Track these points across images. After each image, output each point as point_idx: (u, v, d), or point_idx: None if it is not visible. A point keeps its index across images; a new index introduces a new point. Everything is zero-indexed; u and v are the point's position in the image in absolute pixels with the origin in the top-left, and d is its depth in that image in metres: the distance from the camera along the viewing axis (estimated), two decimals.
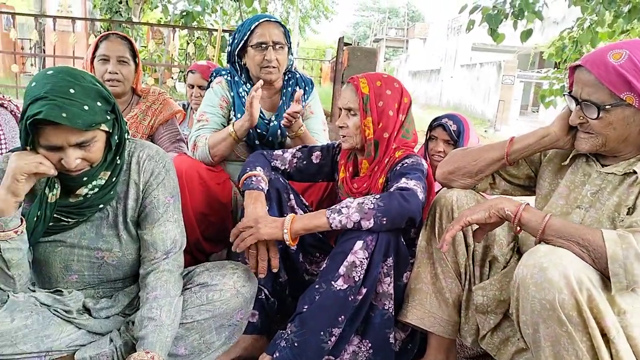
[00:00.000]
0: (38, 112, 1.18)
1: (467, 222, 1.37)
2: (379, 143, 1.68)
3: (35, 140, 1.26)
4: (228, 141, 2.02)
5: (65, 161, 1.27)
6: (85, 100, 1.24)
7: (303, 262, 1.81)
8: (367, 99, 1.65)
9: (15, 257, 1.32)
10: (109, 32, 2.36)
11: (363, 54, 4.62)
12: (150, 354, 1.29)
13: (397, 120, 1.69)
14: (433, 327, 1.57)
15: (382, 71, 4.67)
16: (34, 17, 6.69)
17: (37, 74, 1.30)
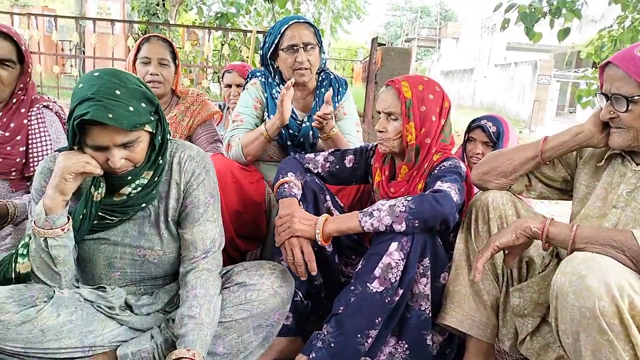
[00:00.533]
0: (85, 113, 1.22)
1: (496, 248, 1.37)
2: (420, 148, 1.66)
3: (82, 140, 1.30)
4: (260, 140, 2.04)
5: (110, 161, 1.30)
6: (130, 101, 1.27)
7: (339, 263, 1.81)
8: (410, 103, 1.62)
9: (61, 253, 1.37)
10: (150, 35, 2.41)
11: (397, 54, 4.58)
12: (191, 352, 1.31)
13: (438, 125, 1.66)
14: (471, 329, 1.55)
15: (415, 71, 4.63)
16: (74, 20, 6.88)
17: (83, 76, 1.33)
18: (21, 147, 1.90)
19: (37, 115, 1.96)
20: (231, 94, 3.31)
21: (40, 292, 1.39)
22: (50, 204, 1.31)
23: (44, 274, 1.39)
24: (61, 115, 2.10)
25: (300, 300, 1.72)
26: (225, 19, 7.37)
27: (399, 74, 4.60)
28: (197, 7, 8.00)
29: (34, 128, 1.94)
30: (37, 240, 1.34)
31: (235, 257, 2.12)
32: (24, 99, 1.94)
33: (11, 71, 1.85)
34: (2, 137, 1.87)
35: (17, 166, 1.90)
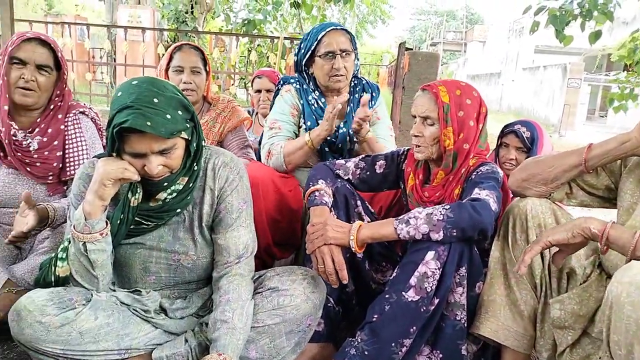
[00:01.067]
0: (124, 121, 1.24)
1: (548, 243, 1.32)
2: (458, 154, 1.63)
3: (121, 147, 1.32)
4: (304, 150, 2.05)
5: (147, 167, 1.33)
6: (167, 109, 1.30)
7: (369, 270, 1.80)
8: (447, 108, 1.60)
9: (100, 257, 1.39)
10: (182, 43, 2.45)
11: (424, 58, 4.54)
12: (223, 356, 1.32)
13: (477, 130, 1.64)
14: (507, 340, 1.52)
15: (440, 75, 4.60)
16: (106, 28, 7.04)
17: (122, 84, 1.36)
18: (58, 152, 1.95)
19: (73, 121, 2.01)
20: (261, 99, 3.34)
21: (79, 296, 1.42)
22: (90, 209, 1.34)
23: (83, 277, 1.42)
24: (97, 121, 2.15)
25: (332, 307, 1.71)
26: (252, 25, 7.44)
27: (426, 78, 4.58)
28: (225, 15, 8.09)
29: (71, 133, 1.99)
30: (77, 244, 1.37)
31: (268, 263, 2.13)
32: (61, 105, 1.99)
33: (48, 77, 1.90)
34: (40, 143, 1.92)
35: (54, 170, 1.95)
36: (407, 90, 4.57)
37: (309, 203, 1.70)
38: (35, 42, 1.87)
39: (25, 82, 1.84)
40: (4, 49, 1.86)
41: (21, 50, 1.83)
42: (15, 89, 1.84)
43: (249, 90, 7.86)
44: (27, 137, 1.91)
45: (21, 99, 1.85)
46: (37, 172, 1.92)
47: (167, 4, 8.42)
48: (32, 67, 1.85)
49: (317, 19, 8.55)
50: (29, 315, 1.33)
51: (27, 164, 1.90)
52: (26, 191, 1.76)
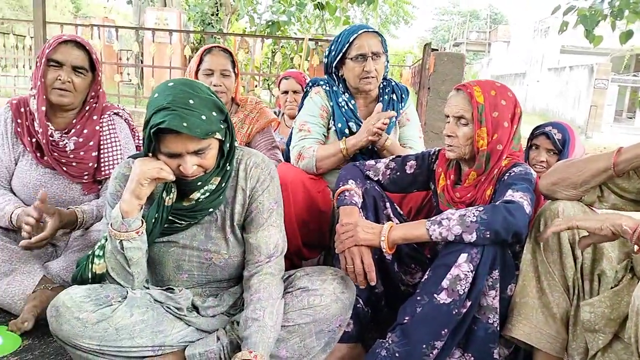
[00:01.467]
0: (162, 122, 1.27)
1: (575, 225, 1.33)
2: (492, 155, 1.62)
3: (157, 148, 1.35)
4: (337, 157, 2.07)
5: (183, 167, 1.35)
6: (203, 110, 1.32)
7: (398, 272, 1.80)
8: (482, 108, 1.59)
9: (135, 255, 1.43)
10: (211, 46, 2.47)
11: (450, 59, 4.51)
12: (253, 354, 1.34)
13: (511, 131, 1.62)
14: (540, 343, 1.51)
15: (464, 75, 4.55)
16: (135, 30, 7.16)
17: (159, 86, 1.39)
18: (93, 152, 2.01)
19: (108, 122, 2.06)
20: (287, 100, 3.37)
21: (115, 292, 1.45)
22: (127, 207, 1.37)
23: (119, 274, 1.45)
24: (130, 122, 2.20)
25: (361, 307, 1.71)
26: (276, 27, 7.48)
27: (452, 79, 4.55)
28: (249, 16, 8.15)
29: (106, 134, 2.04)
30: (113, 242, 1.40)
31: (297, 264, 2.15)
32: (95, 107, 2.05)
33: (84, 78, 1.95)
34: (76, 143, 1.97)
35: (89, 170, 2.00)
36: (432, 91, 4.54)
37: (338, 202, 1.71)
38: (72, 45, 1.92)
39: (62, 83, 1.89)
40: (41, 51, 1.91)
41: (58, 52, 1.89)
42: (52, 89, 1.90)
43: (273, 91, 7.92)
44: (63, 137, 1.96)
45: (58, 99, 1.91)
46: (73, 171, 1.97)
47: (193, 6, 8.53)
48: (68, 69, 1.90)
49: (340, 20, 8.55)
50: (67, 311, 1.37)
51: (64, 164, 1.96)
52: (42, 191, 1.80)
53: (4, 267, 1.82)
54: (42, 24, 4.28)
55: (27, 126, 1.96)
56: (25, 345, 1.68)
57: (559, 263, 1.50)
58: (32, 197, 1.96)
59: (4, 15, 20.15)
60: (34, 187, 1.96)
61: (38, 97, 1.90)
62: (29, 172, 1.96)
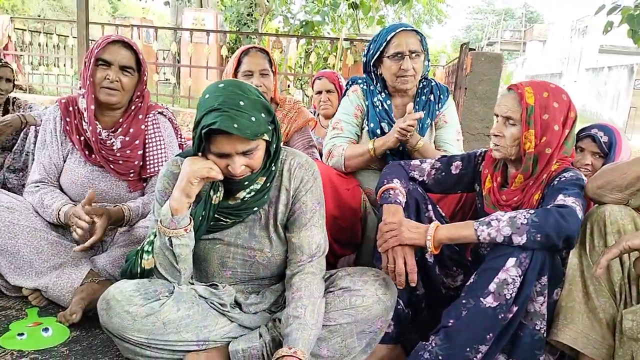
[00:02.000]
0: (213, 123, 1.29)
1: (627, 247, 1.30)
2: (539, 158, 1.58)
3: (206, 147, 1.38)
4: (365, 157, 2.07)
5: (231, 167, 1.38)
6: (252, 112, 1.34)
7: (439, 275, 1.78)
8: (531, 110, 1.55)
9: (183, 252, 1.46)
10: (249, 47, 2.49)
11: (487, 59, 4.43)
12: (293, 350, 1.35)
13: (562, 135, 1.58)
14: (586, 348, 1.48)
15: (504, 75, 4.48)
16: (173, 30, 7.30)
17: (209, 87, 1.42)
18: (139, 151, 2.06)
19: (153, 121, 2.11)
20: (321, 100, 3.38)
21: (163, 287, 1.49)
22: (177, 205, 1.41)
23: (166, 270, 1.49)
24: (173, 121, 2.24)
25: (401, 309, 1.71)
26: (310, 26, 7.51)
27: (489, 79, 4.47)
28: (283, 16, 8.21)
29: (151, 133, 2.09)
30: (162, 238, 1.44)
31: (330, 260, 2.15)
32: (141, 106, 2.09)
33: (131, 78, 2.00)
34: (122, 142, 2.02)
35: (135, 168, 2.06)
36: (468, 92, 4.48)
37: (381, 200, 1.70)
38: (119, 45, 1.97)
39: (110, 82, 1.94)
40: (90, 52, 1.97)
41: (106, 52, 1.94)
42: (100, 88, 1.95)
43: (306, 91, 7.96)
44: (110, 136, 2.02)
45: (106, 98, 1.96)
46: (120, 169, 2.02)
47: (229, 7, 8.63)
48: (116, 68, 1.95)
49: (374, 19, 8.53)
50: (118, 304, 1.42)
51: (111, 162, 2.01)
52: (90, 191, 1.86)
53: (52, 261, 1.89)
54: (85, 24, 4.40)
55: (75, 125, 2.02)
56: (73, 336, 1.73)
57: (606, 268, 1.47)
58: (80, 194, 2.02)
59: (45, 15, 20.80)
60: (82, 184, 2.02)
61: (87, 96, 1.96)
62: (77, 169, 2.03)
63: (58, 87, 7.76)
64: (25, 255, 1.86)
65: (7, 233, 1.85)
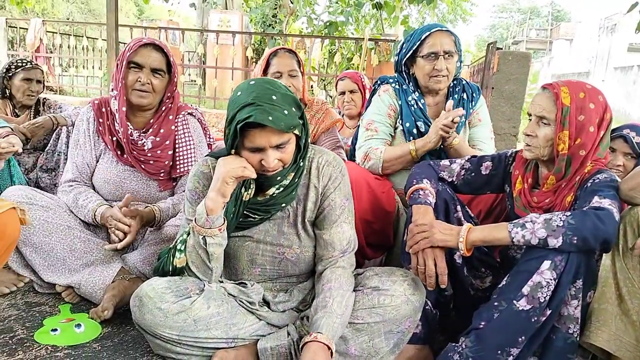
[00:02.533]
0: (248, 116, 1.32)
1: None
2: (572, 159, 1.55)
3: (240, 144, 1.40)
4: (406, 159, 2.06)
5: (265, 161, 1.40)
6: (284, 105, 1.37)
7: (468, 276, 1.77)
8: (567, 110, 1.52)
9: (217, 251, 1.49)
10: (277, 48, 2.51)
11: (515, 58, 4.38)
12: (314, 335, 1.36)
13: (597, 137, 1.54)
14: (619, 351, 1.45)
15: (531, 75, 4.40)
16: (199, 32, 7.39)
17: (240, 85, 1.45)
18: (169, 151, 2.09)
19: (182, 122, 2.14)
20: (345, 100, 3.39)
21: (193, 285, 1.51)
22: (212, 205, 1.43)
23: (198, 268, 1.51)
24: (202, 122, 2.27)
25: (429, 309, 1.70)
26: (333, 27, 7.52)
27: (517, 79, 4.42)
28: (307, 17, 8.23)
29: (180, 134, 2.12)
30: (196, 237, 1.46)
31: (360, 262, 2.15)
32: (171, 107, 2.13)
33: (162, 80, 2.03)
34: (153, 142, 2.06)
35: (165, 168, 2.09)
36: (495, 91, 4.43)
37: (411, 201, 1.69)
38: (151, 47, 2.01)
39: (142, 85, 1.97)
40: (122, 54, 2.00)
41: (138, 55, 1.97)
42: (132, 90, 1.98)
43: (329, 92, 7.96)
44: (141, 137, 2.06)
45: (138, 100, 1.99)
46: (150, 169, 2.06)
47: (254, 8, 8.70)
48: (148, 71, 1.99)
49: (398, 20, 8.49)
50: (150, 301, 1.45)
51: (142, 162, 2.05)
52: (128, 195, 1.90)
53: (85, 258, 1.93)
54: (115, 27, 4.49)
55: (108, 125, 2.06)
56: (105, 332, 1.76)
57: (639, 269, 1.44)
58: (112, 193, 2.07)
59: (74, 18, 21.25)
60: (115, 184, 2.06)
61: (119, 98, 2.00)
62: (109, 169, 2.07)
63: (87, 89, 7.92)
64: (59, 253, 1.91)
65: (42, 231, 1.90)
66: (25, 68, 2.83)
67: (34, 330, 1.74)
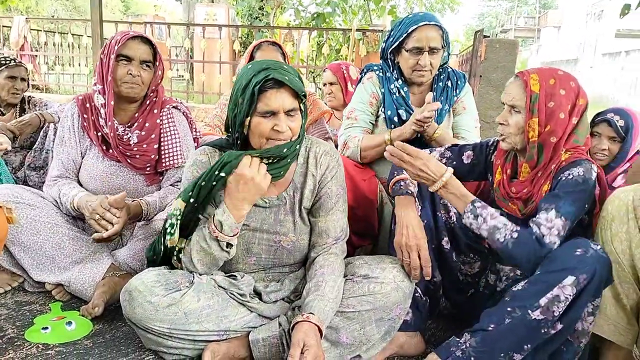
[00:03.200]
0: (268, 75, 1.40)
1: None
2: (544, 147, 1.54)
3: (253, 109, 1.44)
4: (382, 147, 2.03)
5: (278, 126, 1.45)
6: (294, 73, 1.47)
7: (457, 261, 1.78)
8: (535, 97, 1.51)
9: (234, 251, 1.55)
10: (261, 41, 2.50)
11: (502, 46, 4.39)
12: (305, 315, 1.39)
13: (568, 123, 1.53)
14: (613, 335, 1.47)
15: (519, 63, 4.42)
16: (185, 27, 7.34)
17: (246, 65, 1.52)
18: (155, 145, 2.08)
19: (167, 115, 2.13)
20: (326, 92, 3.38)
21: (183, 278, 1.51)
22: (243, 214, 1.49)
23: (205, 265, 1.54)
24: (188, 115, 2.26)
25: (419, 297, 1.71)
26: (321, 19, 7.49)
27: (504, 67, 4.44)
28: (294, 9, 8.20)
29: (165, 127, 2.11)
30: (215, 243, 1.48)
31: (348, 251, 2.15)
32: (155, 101, 2.11)
33: (149, 72, 2.03)
34: (139, 136, 2.05)
35: (151, 162, 2.08)
36: (483, 79, 4.44)
37: (393, 192, 1.70)
38: (139, 40, 2.00)
39: (132, 77, 1.97)
40: (106, 48, 1.98)
41: (127, 48, 1.96)
42: (122, 83, 1.97)
43: (318, 84, 7.93)
44: (126, 131, 2.04)
45: (128, 91, 1.99)
46: (137, 163, 2.05)
47: (240, 1, 8.65)
48: (137, 63, 1.98)
49: (385, 10, 8.47)
50: (140, 295, 1.45)
51: (128, 157, 2.04)
52: (123, 193, 1.89)
53: (74, 256, 1.92)
54: (100, 23, 4.44)
55: (92, 121, 2.04)
56: (96, 329, 1.76)
57: (629, 253, 1.45)
58: (98, 189, 2.05)
59: (59, 16, 21.01)
60: (101, 179, 2.05)
61: (107, 91, 1.97)
62: (95, 164, 2.05)
63: (74, 86, 7.85)
64: (48, 251, 1.90)
65: (30, 230, 1.89)
66: (9, 66, 2.79)
67: (25, 329, 1.73)
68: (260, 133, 1.46)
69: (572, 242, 1.41)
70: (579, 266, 1.34)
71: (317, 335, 1.36)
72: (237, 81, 1.49)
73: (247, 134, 1.50)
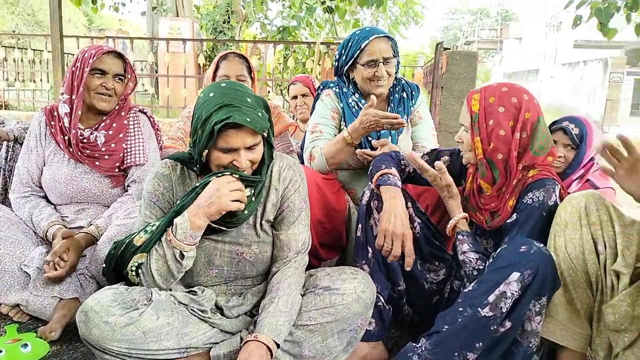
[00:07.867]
0: (228, 117, 1.37)
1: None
2: (494, 164, 1.59)
3: (213, 144, 1.43)
4: (343, 144, 2.04)
5: (237, 161, 1.45)
6: (257, 108, 1.44)
7: (422, 270, 1.80)
8: (475, 117, 1.57)
9: (189, 264, 1.51)
10: (227, 52, 2.52)
11: (462, 58, 4.49)
12: (254, 334, 1.40)
13: (512, 139, 1.55)
14: (565, 340, 1.50)
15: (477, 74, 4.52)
16: (149, 41, 7.26)
17: (210, 86, 1.50)
18: (123, 144, 2.14)
19: (133, 117, 2.21)
20: (297, 104, 3.40)
21: (141, 296, 1.47)
22: (200, 223, 1.46)
23: (162, 276, 1.49)
24: (153, 121, 2.33)
25: (382, 306, 1.72)
26: (287, 32, 7.53)
27: (465, 78, 4.53)
28: (260, 23, 8.22)
29: (131, 127, 2.18)
30: (171, 250, 1.46)
31: (314, 265, 2.15)
32: (123, 106, 2.20)
33: (122, 84, 2.14)
34: (106, 136, 2.11)
35: (119, 161, 2.12)
36: (445, 90, 4.53)
37: (380, 182, 1.70)
38: (113, 55, 2.10)
39: (107, 90, 2.06)
40: (78, 61, 2.05)
41: (102, 62, 2.06)
42: (95, 94, 2.06)
43: (285, 97, 7.94)
44: (93, 133, 2.10)
45: (102, 105, 2.08)
46: (105, 164, 2.09)
47: (204, 15, 8.63)
48: (110, 76, 2.07)
49: (350, 22, 8.56)
50: (96, 315, 1.40)
51: (96, 158, 2.08)
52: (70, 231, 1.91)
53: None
54: (60, 38, 4.36)
55: (60, 127, 2.10)
56: (54, 350, 1.71)
57: (582, 259, 1.48)
58: (62, 192, 2.08)
59: (20, 31, 20.54)
60: (65, 182, 2.07)
61: (76, 102, 2.04)
62: (60, 168, 2.08)
63: (34, 102, 7.66)
64: (7, 266, 1.85)
65: None
66: None
67: None
68: (219, 165, 1.47)
69: (516, 241, 1.47)
70: (523, 262, 1.39)
71: (263, 354, 1.37)
72: (198, 109, 1.46)
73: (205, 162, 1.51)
